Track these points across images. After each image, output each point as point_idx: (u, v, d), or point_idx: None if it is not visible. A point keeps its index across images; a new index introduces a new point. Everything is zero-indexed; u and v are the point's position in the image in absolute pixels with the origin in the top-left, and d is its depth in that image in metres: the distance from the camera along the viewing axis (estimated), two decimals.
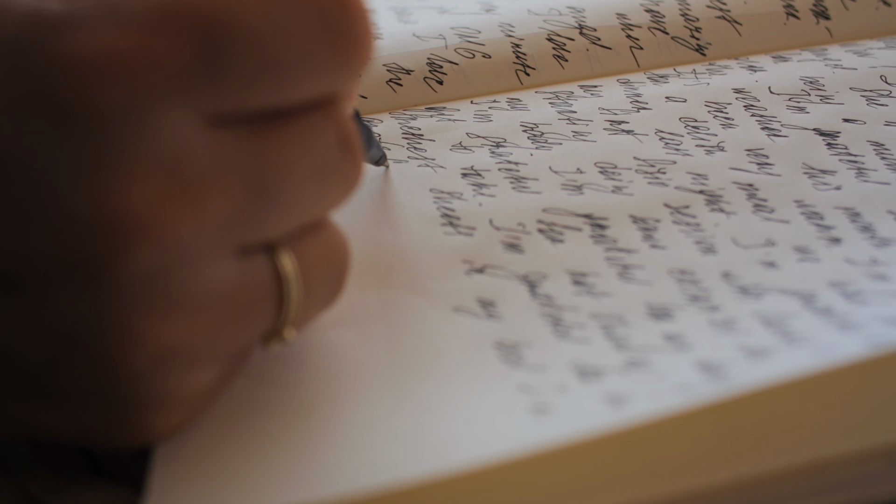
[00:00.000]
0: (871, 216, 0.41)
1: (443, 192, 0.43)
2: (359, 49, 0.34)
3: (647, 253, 0.40)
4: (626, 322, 0.37)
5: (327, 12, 0.33)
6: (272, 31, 0.32)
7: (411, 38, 0.50)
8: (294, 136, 0.33)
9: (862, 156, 0.44)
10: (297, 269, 0.34)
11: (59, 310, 0.31)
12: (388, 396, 0.35)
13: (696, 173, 0.43)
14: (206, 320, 0.32)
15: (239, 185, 0.32)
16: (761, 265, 0.39)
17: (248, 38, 0.32)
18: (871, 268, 0.39)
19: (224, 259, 0.32)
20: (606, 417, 0.33)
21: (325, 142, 0.34)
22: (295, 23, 0.33)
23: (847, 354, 0.34)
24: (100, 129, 0.30)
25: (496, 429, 0.34)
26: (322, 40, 0.33)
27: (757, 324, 0.37)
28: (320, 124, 0.34)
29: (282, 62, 0.32)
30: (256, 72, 0.32)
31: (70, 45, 0.30)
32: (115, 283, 0.31)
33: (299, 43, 0.33)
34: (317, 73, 0.33)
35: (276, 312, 0.34)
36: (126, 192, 0.30)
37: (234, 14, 0.32)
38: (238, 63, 0.32)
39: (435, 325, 0.38)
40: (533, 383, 0.35)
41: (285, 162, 0.33)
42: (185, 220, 0.31)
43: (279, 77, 0.33)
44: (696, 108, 0.47)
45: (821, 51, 0.49)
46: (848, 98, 0.46)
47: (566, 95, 0.48)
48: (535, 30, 0.50)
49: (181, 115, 0.31)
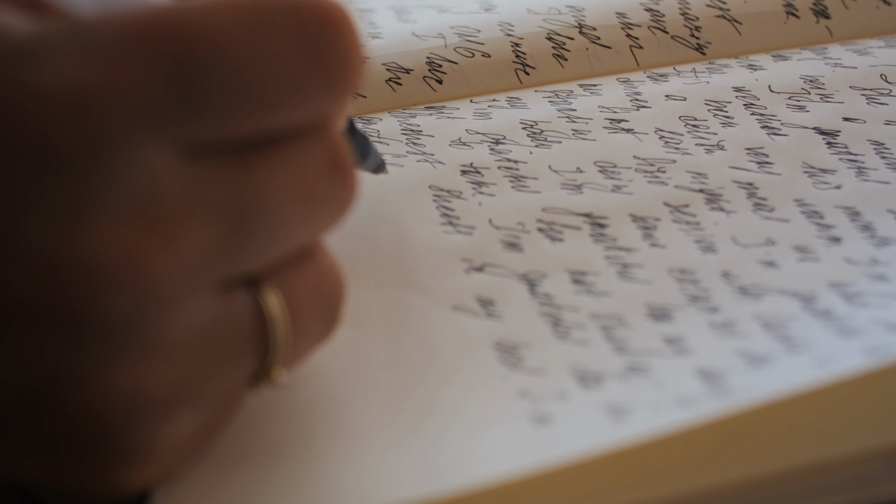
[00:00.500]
0: (871, 215, 0.41)
1: (442, 191, 0.43)
2: (348, 71, 0.31)
3: (647, 252, 0.40)
4: (625, 323, 0.37)
5: (312, 33, 0.31)
6: (252, 56, 0.30)
7: (411, 37, 0.50)
8: (279, 163, 0.31)
9: (862, 155, 0.44)
10: (284, 305, 0.32)
11: (29, 357, 0.29)
12: (387, 400, 0.35)
13: (695, 172, 0.43)
14: (184, 365, 0.30)
15: (218, 218, 0.30)
16: (761, 265, 0.39)
17: (227, 64, 0.30)
18: (871, 268, 0.39)
19: (203, 297, 0.30)
20: (607, 432, 0.33)
21: (313, 166, 0.32)
22: (277, 45, 0.30)
23: (846, 368, 0.34)
24: (65, 168, 0.28)
25: (497, 442, 0.33)
26: (307, 64, 0.31)
27: (757, 327, 0.37)
28: (308, 148, 0.32)
29: (264, 89, 0.30)
30: (236, 99, 0.30)
31: (32, 78, 0.28)
32: (85, 331, 0.29)
33: (283, 67, 0.31)
34: (302, 99, 0.31)
35: (263, 353, 0.32)
36: (95, 235, 0.29)
37: (210, 38, 0.30)
38: (216, 91, 0.30)
39: (434, 323, 0.38)
40: (533, 389, 0.35)
41: (269, 191, 0.31)
42: (160, 261, 0.29)
43: (261, 104, 0.30)
44: (695, 106, 0.46)
45: (821, 50, 0.49)
46: (848, 97, 0.46)
47: (566, 94, 0.48)
48: (535, 29, 0.50)
49: (154, 149, 0.29)
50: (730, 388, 0.34)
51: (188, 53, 0.29)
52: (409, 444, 0.34)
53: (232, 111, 0.30)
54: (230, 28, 0.30)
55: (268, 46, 0.30)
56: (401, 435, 0.34)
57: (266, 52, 0.30)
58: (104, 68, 0.29)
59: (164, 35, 0.29)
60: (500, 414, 0.34)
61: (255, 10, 0.30)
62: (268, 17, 0.30)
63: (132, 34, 0.29)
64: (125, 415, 0.30)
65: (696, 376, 0.35)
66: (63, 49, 0.29)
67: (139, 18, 0.29)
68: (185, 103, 0.29)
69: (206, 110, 0.30)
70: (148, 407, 0.30)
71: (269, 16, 0.30)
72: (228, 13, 0.30)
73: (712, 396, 0.34)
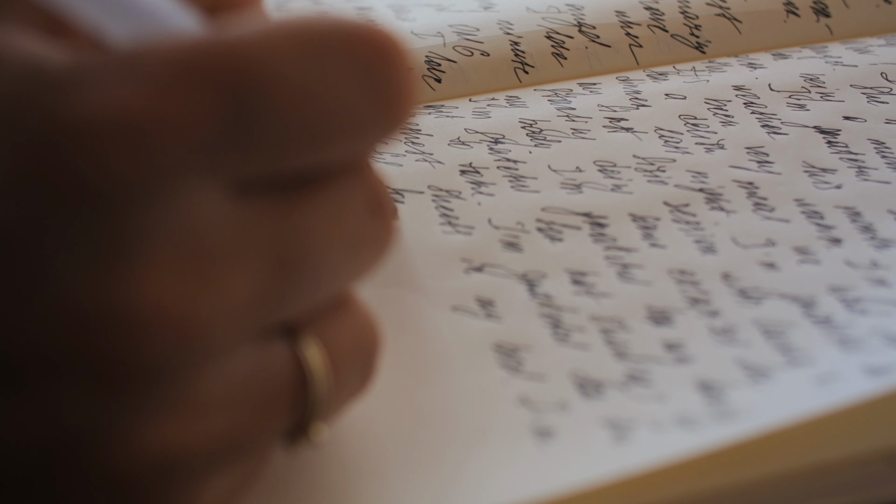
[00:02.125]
0: (872, 216, 0.41)
1: (441, 190, 0.43)
2: (401, 104, 0.30)
3: (647, 252, 0.40)
4: (625, 326, 0.37)
5: (367, 63, 0.29)
6: (309, 88, 0.28)
7: (409, 35, 0.50)
8: (322, 203, 0.29)
9: (862, 154, 0.44)
10: (325, 357, 0.30)
11: (58, 408, 0.27)
12: (386, 404, 0.35)
13: (695, 171, 0.43)
14: (222, 421, 0.28)
15: (262, 262, 0.28)
16: (761, 266, 0.39)
17: (282, 96, 0.28)
18: (871, 271, 0.39)
19: (242, 347, 0.28)
20: (609, 454, 0.33)
21: (355, 206, 0.30)
22: (334, 78, 0.29)
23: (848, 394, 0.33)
24: (105, 206, 0.26)
25: (499, 459, 0.33)
26: (362, 96, 0.29)
27: (757, 333, 0.37)
28: (350, 187, 0.30)
29: (319, 123, 0.28)
30: (290, 134, 0.28)
31: (75, 109, 0.26)
32: (118, 384, 0.27)
33: (338, 99, 0.29)
34: (356, 134, 0.29)
35: (301, 408, 0.30)
36: (136, 282, 0.26)
37: (266, 68, 0.28)
38: (270, 124, 0.28)
39: (433, 323, 0.38)
40: (533, 396, 0.35)
41: (313, 233, 0.29)
42: (203, 310, 0.27)
43: (316, 139, 0.29)
44: (695, 105, 0.46)
45: (821, 48, 0.49)
46: (848, 95, 0.46)
47: (565, 93, 0.47)
48: (534, 27, 0.50)
49: (203, 189, 0.27)
50: (730, 406, 0.34)
51: (242, 84, 0.28)
52: (409, 456, 0.33)
53: (286, 146, 0.28)
54: (285, 57, 0.28)
55: (323, 77, 0.29)
56: (399, 446, 0.34)
57: (321, 83, 0.28)
58: (151, 99, 0.27)
59: (217, 64, 0.27)
60: (501, 425, 0.34)
61: (310, 38, 0.29)
62: (322, 45, 0.29)
63: (181, 63, 0.27)
64: (159, 477, 0.27)
65: (696, 389, 0.35)
66: (105, 79, 0.27)
67: (188, 47, 0.28)
68: (238, 138, 0.27)
69: (260, 145, 0.28)
70: (183, 468, 0.28)
71: (324, 44, 0.29)
72: (282, 41, 0.28)
73: (713, 417, 0.34)
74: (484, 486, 0.33)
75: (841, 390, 0.33)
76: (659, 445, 0.33)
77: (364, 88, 0.29)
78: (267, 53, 0.28)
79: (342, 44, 0.29)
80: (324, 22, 0.29)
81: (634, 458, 0.32)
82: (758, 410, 0.33)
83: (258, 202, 0.28)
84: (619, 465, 0.32)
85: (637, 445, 0.33)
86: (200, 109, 0.27)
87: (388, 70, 0.29)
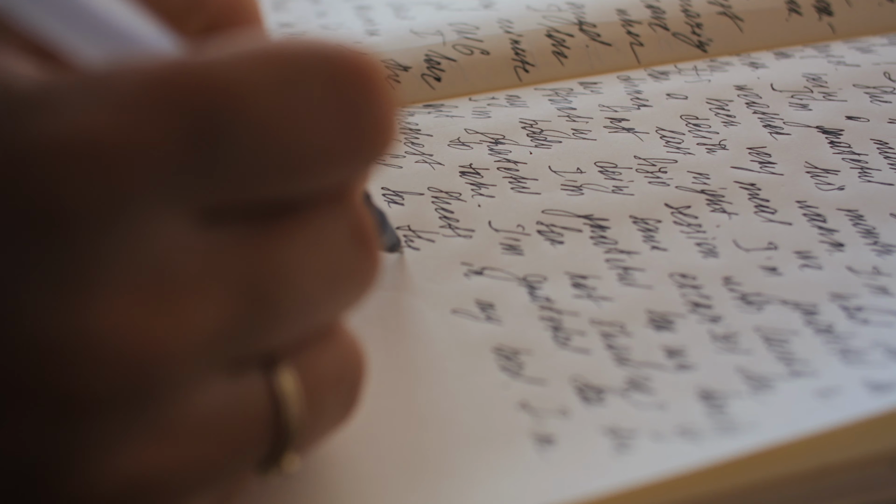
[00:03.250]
0: (874, 219, 0.41)
1: (441, 192, 0.43)
2: (381, 135, 0.29)
3: (648, 255, 0.40)
4: (626, 331, 0.37)
5: (346, 91, 0.28)
6: (282, 116, 0.27)
7: (409, 34, 0.49)
8: (301, 234, 0.28)
9: (865, 154, 0.44)
10: (300, 388, 0.29)
11: (21, 439, 0.26)
12: (385, 408, 0.35)
13: (697, 172, 0.43)
14: (192, 450, 0.28)
15: (234, 292, 0.27)
16: (763, 270, 0.39)
17: (254, 124, 0.27)
18: (873, 278, 0.38)
19: (214, 377, 0.28)
20: (610, 465, 0.32)
21: (336, 237, 0.29)
22: (309, 104, 0.28)
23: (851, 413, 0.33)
24: (68, 232, 0.26)
25: (500, 466, 0.33)
26: (340, 126, 0.28)
27: (758, 340, 0.36)
28: (331, 218, 0.29)
29: (293, 152, 0.28)
30: (262, 163, 0.27)
31: (39, 131, 0.26)
32: (84, 412, 0.26)
33: (314, 129, 0.28)
34: (333, 165, 0.28)
35: (274, 438, 0.29)
36: (98, 309, 0.26)
37: (239, 93, 0.27)
38: (241, 153, 0.27)
39: (433, 327, 0.38)
40: (534, 401, 0.35)
41: (290, 264, 0.28)
42: (169, 339, 0.26)
43: (289, 169, 0.28)
44: (697, 105, 0.46)
45: (823, 47, 0.49)
46: (851, 95, 0.46)
47: (566, 92, 0.47)
48: (535, 26, 0.50)
49: (169, 214, 0.27)
50: (731, 418, 0.34)
51: (213, 110, 0.27)
52: (407, 461, 0.33)
53: (257, 176, 0.27)
54: (260, 84, 0.27)
55: (299, 105, 0.28)
56: (397, 450, 0.34)
57: (297, 111, 0.28)
58: (118, 122, 0.26)
59: (187, 89, 0.27)
60: (501, 430, 0.34)
61: (287, 64, 0.28)
62: (300, 72, 0.28)
63: (151, 86, 0.27)
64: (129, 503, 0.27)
65: (697, 398, 0.35)
66: (73, 100, 0.26)
67: (159, 70, 0.27)
68: (206, 165, 0.27)
69: (229, 174, 0.27)
70: (154, 496, 0.27)
71: (302, 71, 0.28)
72: (258, 67, 0.27)
73: (714, 429, 0.33)
74: (484, 494, 0.32)
75: (842, 406, 0.33)
76: (660, 457, 0.32)
77: (342, 118, 0.28)
78: (241, 78, 0.27)
79: (321, 71, 0.28)
80: (303, 47, 0.28)
81: (635, 470, 0.32)
82: (759, 424, 0.33)
83: (231, 231, 0.28)
84: (620, 478, 0.32)
85: (638, 456, 0.33)
86: (167, 134, 0.26)
87: (367, 99, 0.28)
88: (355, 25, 0.51)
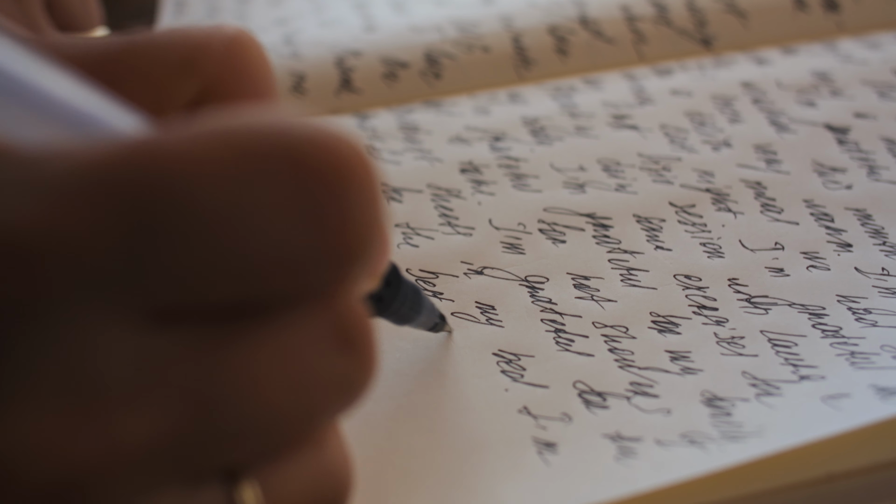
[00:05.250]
0: (883, 219, 0.40)
1: (440, 189, 0.42)
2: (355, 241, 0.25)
3: (652, 255, 0.39)
4: (630, 334, 0.36)
5: (312, 190, 0.25)
6: (236, 216, 0.24)
7: (408, 30, 0.49)
8: (264, 338, 0.25)
9: (873, 152, 0.43)
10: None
11: None
12: (384, 412, 0.34)
13: (702, 170, 0.42)
14: None
15: (177, 401, 0.25)
16: (769, 271, 0.38)
17: (201, 222, 0.24)
18: (882, 280, 0.38)
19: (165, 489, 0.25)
20: (614, 472, 0.32)
21: (314, 342, 0.26)
22: (269, 206, 0.25)
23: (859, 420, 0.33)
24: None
25: (504, 472, 0.32)
26: (305, 232, 0.25)
27: (764, 343, 0.36)
28: (305, 321, 0.26)
29: (246, 257, 0.25)
30: (210, 265, 0.24)
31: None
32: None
33: (273, 233, 0.25)
34: (296, 273, 0.25)
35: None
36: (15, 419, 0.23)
37: (185, 188, 0.24)
38: (185, 252, 0.24)
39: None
40: (536, 406, 0.34)
41: (248, 370, 0.25)
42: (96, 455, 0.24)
43: (242, 274, 0.25)
44: (701, 102, 0.46)
45: (830, 43, 0.49)
46: (859, 92, 0.46)
47: (568, 89, 0.47)
48: (536, 22, 0.49)
49: (103, 316, 0.24)
50: (737, 424, 0.33)
51: (152, 202, 0.24)
52: (407, 465, 0.33)
53: (203, 280, 0.25)
54: (209, 175, 0.24)
55: (254, 205, 0.25)
56: (397, 454, 0.33)
57: (252, 212, 0.25)
58: (46, 213, 0.24)
59: (125, 176, 0.24)
60: (503, 435, 0.33)
61: (243, 154, 0.25)
62: (258, 163, 0.25)
63: (86, 172, 0.24)
64: None
65: (702, 402, 0.34)
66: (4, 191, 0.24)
67: (98, 153, 0.24)
68: (148, 264, 0.24)
69: (169, 274, 0.24)
70: None
71: (261, 163, 0.25)
72: (210, 155, 0.25)
73: (720, 436, 0.33)
74: (485, 500, 0.32)
75: (851, 412, 0.33)
76: (664, 463, 0.32)
77: (306, 221, 0.25)
78: (187, 169, 0.24)
79: (284, 163, 0.25)
80: (266, 133, 0.25)
81: (639, 477, 0.31)
82: (766, 431, 0.33)
83: (182, 334, 0.25)
84: (623, 485, 0.31)
85: (642, 462, 0.32)
86: (97, 226, 0.24)
87: (338, 199, 0.25)
88: (354, 21, 0.51)
